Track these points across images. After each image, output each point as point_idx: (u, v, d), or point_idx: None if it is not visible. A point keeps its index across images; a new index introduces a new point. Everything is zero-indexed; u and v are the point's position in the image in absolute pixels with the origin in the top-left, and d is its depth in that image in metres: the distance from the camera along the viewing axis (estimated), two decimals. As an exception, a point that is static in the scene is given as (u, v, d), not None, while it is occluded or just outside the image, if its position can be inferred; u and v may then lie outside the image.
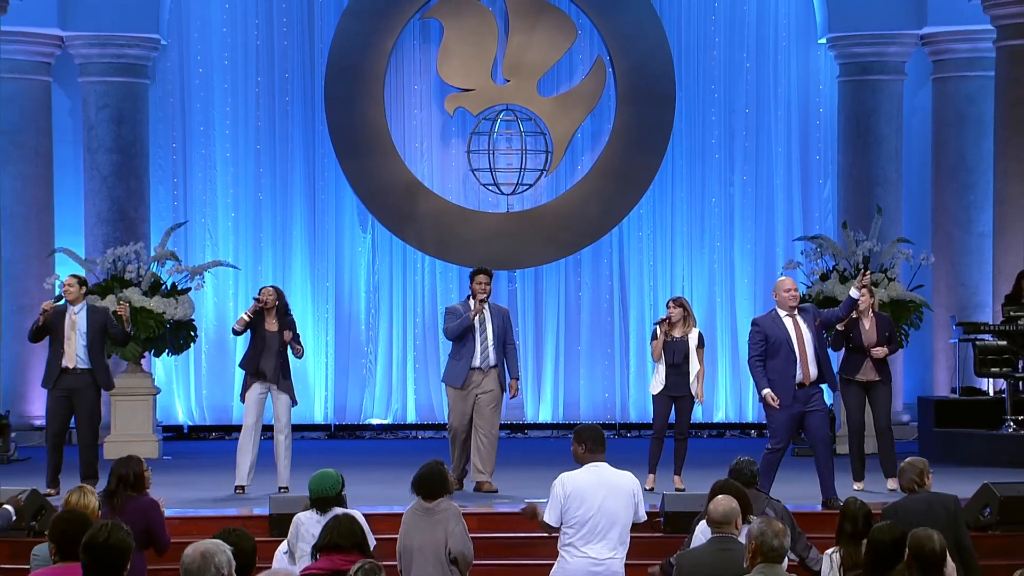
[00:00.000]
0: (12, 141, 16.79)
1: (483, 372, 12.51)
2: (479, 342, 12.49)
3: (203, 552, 5.69)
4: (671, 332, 12.51)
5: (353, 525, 7.80)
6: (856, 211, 17.39)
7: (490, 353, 12.52)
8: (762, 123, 18.33)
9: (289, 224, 18.13)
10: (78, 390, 12.48)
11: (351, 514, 8.26)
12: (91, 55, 17.35)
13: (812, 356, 11.54)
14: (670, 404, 12.59)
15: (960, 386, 16.60)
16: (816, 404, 11.58)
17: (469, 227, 17.95)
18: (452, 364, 12.69)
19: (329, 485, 8.69)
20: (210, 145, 18.07)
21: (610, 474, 8.73)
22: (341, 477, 8.80)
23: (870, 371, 12.45)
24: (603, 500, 8.61)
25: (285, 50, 18.09)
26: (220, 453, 14.50)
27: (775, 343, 11.57)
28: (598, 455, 8.79)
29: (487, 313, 12.55)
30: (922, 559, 6.60)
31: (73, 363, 12.47)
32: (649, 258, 18.36)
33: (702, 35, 18.28)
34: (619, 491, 8.68)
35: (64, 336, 12.48)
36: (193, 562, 5.66)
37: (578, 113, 18.05)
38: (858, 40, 17.60)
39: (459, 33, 17.89)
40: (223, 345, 17.32)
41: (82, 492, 7.94)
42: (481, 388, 12.51)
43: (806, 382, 11.52)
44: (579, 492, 8.65)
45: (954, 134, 17.64)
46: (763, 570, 6.73)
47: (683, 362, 12.46)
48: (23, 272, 16.95)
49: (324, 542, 7.73)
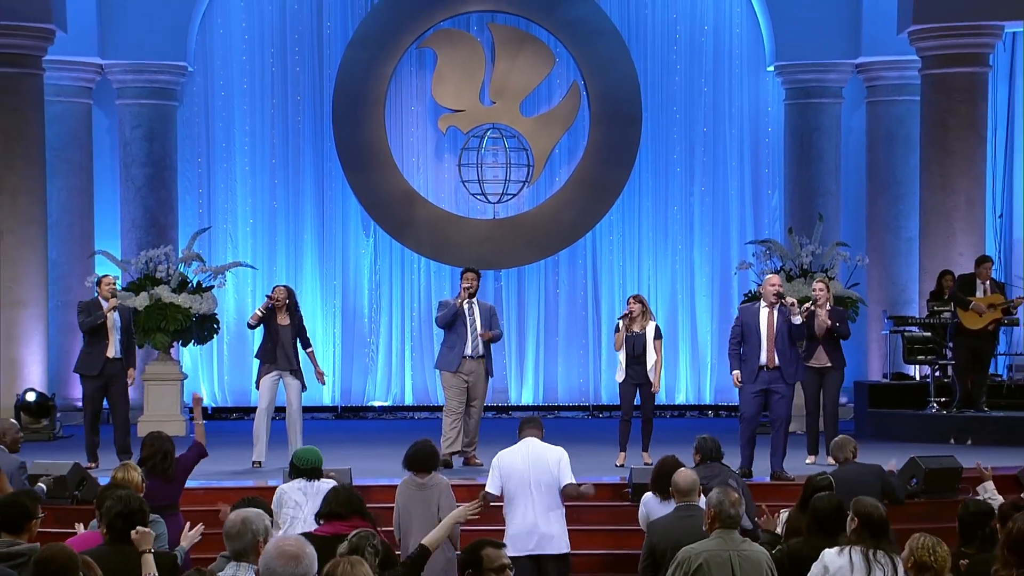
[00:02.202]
0: (58, 156, 16.74)
1: (473, 359, 12.48)
2: (470, 332, 12.46)
3: (243, 519, 5.74)
4: (631, 327, 12.50)
5: (352, 495, 7.81)
6: (800, 218, 17.40)
7: (479, 343, 12.49)
8: (718, 140, 18.33)
9: (300, 229, 18.09)
10: (114, 376, 12.56)
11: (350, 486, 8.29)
12: (127, 80, 17.31)
13: (776, 345, 11.60)
14: (634, 390, 12.57)
15: (891, 372, 16.66)
16: (778, 386, 11.65)
17: (460, 232, 17.94)
18: (446, 352, 12.66)
19: (313, 458, 8.76)
20: (231, 159, 18.03)
21: (537, 447, 8.87)
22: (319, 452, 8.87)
23: (823, 358, 12.43)
24: (528, 470, 8.72)
25: (297, 76, 18.05)
26: (239, 432, 14.48)
27: (748, 330, 11.73)
28: (529, 432, 8.93)
29: (476, 308, 12.53)
30: (871, 525, 6.57)
31: (113, 353, 12.54)
32: (619, 259, 18.36)
33: (665, 63, 18.26)
34: (542, 461, 8.80)
35: (107, 330, 12.52)
36: (234, 526, 5.70)
37: (556, 131, 18.04)
38: (801, 68, 17.61)
39: (451, 61, 17.88)
40: (242, 336, 17.28)
41: (127, 468, 7.87)
42: (472, 374, 12.49)
43: (769, 365, 11.61)
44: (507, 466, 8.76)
45: (885, 151, 17.65)
46: (720, 534, 6.76)
47: (642, 353, 12.41)
48: (67, 272, 16.93)
49: (326, 510, 7.72)
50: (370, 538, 6.67)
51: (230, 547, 5.71)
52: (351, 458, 11.65)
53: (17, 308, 15.52)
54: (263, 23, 17.99)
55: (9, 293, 15.50)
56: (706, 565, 6.63)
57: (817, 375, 12.48)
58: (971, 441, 14.11)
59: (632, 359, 12.44)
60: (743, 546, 6.75)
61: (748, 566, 6.66)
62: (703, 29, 18.22)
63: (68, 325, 16.84)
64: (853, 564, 6.47)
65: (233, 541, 5.68)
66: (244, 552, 5.65)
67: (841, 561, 6.51)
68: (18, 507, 6.26)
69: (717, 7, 18.23)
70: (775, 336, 11.58)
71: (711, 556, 6.66)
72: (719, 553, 6.67)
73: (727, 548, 6.68)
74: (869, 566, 6.46)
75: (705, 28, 18.22)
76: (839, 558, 6.53)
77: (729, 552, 6.67)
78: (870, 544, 6.51)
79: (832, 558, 6.55)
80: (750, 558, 6.70)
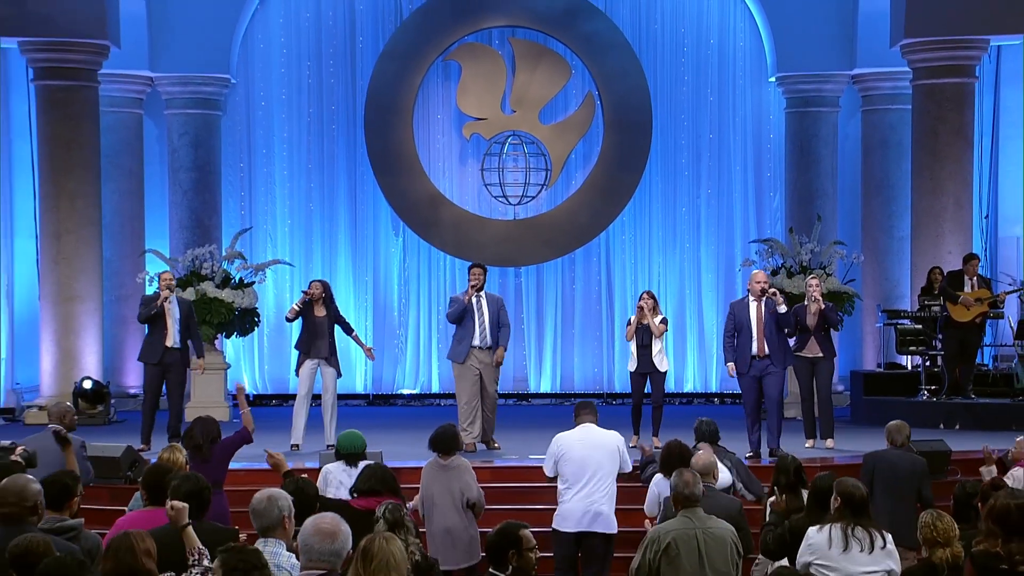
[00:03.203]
0: (111, 162, 16.80)
1: (482, 350, 12.30)
2: (477, 324, 12.27)
3: (269, 496, 5.74)
4: (641, 320, 12.55)
5: (386, 473, 7.84)
6: (800, 219, 17.37)
7: (487, 334, 12.27)
8: (723, 146, 18.30)
9: (335, 229, 18.14)
10: (173, 364, 12.58)
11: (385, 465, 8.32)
12: (174, 92, 17.37)
13: (765, 335, 11.72)
14: (644, 378, 12.62)
15: (884, 362, 16.65)
16: (770, 371, 11.76)
17: (482, 232, 17.97)
18: (455, 344, 12.48)
19: (357, 443, 8.75)
20: (270, 165, 18.09)
21: (596, 433, 8.79)
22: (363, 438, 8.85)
23: (816, 348, 12.43)
24: (588, 454, 8.67)
25: (332, 87, 18.09)
26: (279, 417, 14.53)
27: (740, 323, 11.86)
28: (586, 418, 8.86)
29: (484, 301, 12.34)
30: (851, 504, 6.60)
31: (172, 342, 12.57)
32: (631, 257, 18.35)
33: (674, 75, 18.24)
34: (602, 447, 8.74)
35: (165, 321, 12.58)
36: (260, 503, 5.70)
37: (572, 138, 18.05)
38: (801, 79, 17.57)
39: (474, 72, 17.90)
40: (281, 329, 17.36)
41: (172, 450, 7.90)
42: (482, 364, 12.31)
43: (759, 354, 11.74)
44: (567, 448, 8.72)
45: (879, 156, 17.61)
46: (686, 513, 6.80)
47: (651, 343, 12.48)
48: (120, 269, 17.02)
49: (362, 487, 7.74)
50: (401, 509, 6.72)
51: (257, 523, 5.71)
52: (382, 442, 11.67)
53: (74, 303, 15.61)
54: (300, 38, 18.04)
55: (67, 289, 15.58)
56: (674, 543, 6.68)
57: (809, 364, 12.47)
58: (959, 426, 14.13)
59: (641, 348, 12.52)
60: (708, 523, 6.77)
61: (713, 542, 6.70)
62: (709, 43, 18.21)
63: (121, 318, 17.00)
64: (832, 539, 6.52)
65: (260, 518, 5.67)
66: (271, 528, 5.64)
67: (822, 537, 6.57)
68: (60, 485, 6.28)
69: (722, 22, 18.21)
70: (763, 327, 11.69)
71: (678, 535, 6.71)
72: (685, 531, 6.71)
73: (693, 526, 6.73)
74: (847, 541, 6.49)
75: (711, 42, 18.21)
76: (820, 535, 6.59)
77: (695, 530, 6.71)
78: (850, 521, 6.55)
79: (814, 535, 6.61)
80: (715, 535, 6.74)
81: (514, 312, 17.77)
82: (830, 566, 6.46)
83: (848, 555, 6.43)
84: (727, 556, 6.68)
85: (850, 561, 6.40)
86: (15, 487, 5.81)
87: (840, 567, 6.42)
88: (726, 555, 6.68)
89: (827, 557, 6.49)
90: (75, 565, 4.65)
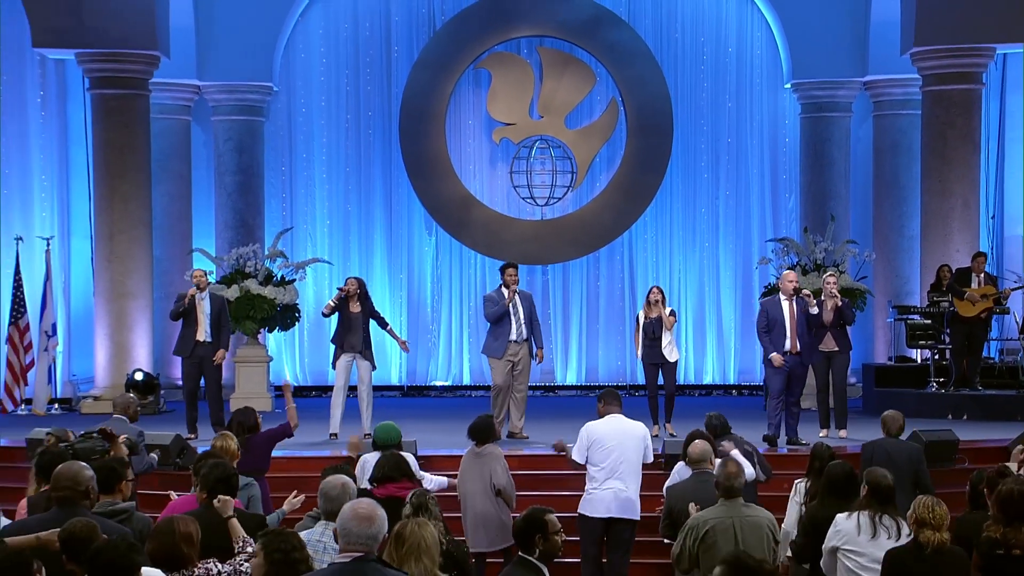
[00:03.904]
0: (161, 166, 16.89)
1: (518, 344, 12.39)
2: (513, 321, 12.34)
3: (343, 483, 5.95)
4: (650, 314, 12.52)
5: (400, 460, 7.87)
6: (814, 219, 17.34)
7: (523, 329, 12.39)
8: (741, 150, 18.27)
9: (371, 229, 18.19)
10: (205, 357, 12.62)
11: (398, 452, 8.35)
12: (220, 99, 17.48)
13: (798, 332, 11.66)
14: (655, 370, 12.58)
15: (895, 355, 16.60)
16: (797, 368, 11.75)
17: (511, 231, 17.99)
18: (491, 339, 12.51)
19: (393, 435, 8.73)
20: (310, 168, 18.16)
21: (624, 423, 8.80)
22: (399, 430, 8.82)
23: (831, 343, 12.38)
24: (618, 443, 8.68)
25: (369, 94, 18.15)
26: (318, 407, 14.59)
27: (773, 319, 11.77)
28: (614, 408, 8.87)
29: (517, 298, 12.43)
30: (879, 493, 6.63)
31: (203, 336, 12.61)
32: (652, 256, 18.35)
33: (694, 81, 18.22)
34: (631, 436, 8.75)
35: (196, 317, 12.64)
36: (333, 488, 5.90)
37: (597, 142, 18.05)
38: (815, 85, 17.55)
39: (504, 80, 17.93)
40: (320, 323, 17.40)
41: (224, 438, 7.92)
42: (517, 357, 12.41)
43: (792, 351, 11.69)
44: (599, 437, 8.72)
45: (890, 159, 17.56)
46: (724, 503, 6.89)
47: (661, 335, 12.44)
48: (169, 267, 17.10)
49: (378, 475, 7.78)
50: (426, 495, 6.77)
51: (325, 506, 5.81)
52: (416, 431, 11.71)
53: (127, 299, 15.72)
54: (339, 48, 18.10)
55: (120, 286, 15.69)
56: (712, 531, 6.76)
57: (826, 358, 12.44)
58: (967, 416, 14.06)
59: (651, 340, 12.46)
60: (746, 511, 6.82)
61: (750, 529, 6.77)
62: (727, 51, 18.18)
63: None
64: (860, 526, 6.55)
65: (331, 502, 5.79)
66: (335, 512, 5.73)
67: (850, 524, 6.59)
68: (107, 470, 6.35)
69: (740, 32, 18.18)
70: (796, 325, 11.62)
71: (717, 523, 6.78)
72: (723, 520, 6.79)
73: (731, 515, 6.80)
74: (875, 528, 6.52)
75: (729, 50, 18.18)
76: (848, 521, 6.61)
77: (732, 519, 6.78)
78: (877, 509, 6.58)
79: (843, 521, 6.63)
80: (752, 522, 6.80)
81: (541, 308, 17.79)
82: (858, 551, 6.50)
83: (876, 541, 6.46)
84: (763, 542, 6.75)
85: (877, 547, 6.41)
86: (69, 472, 5.90)
87: (868, 552, 6.45)
88: (762, 541, 6.75)
89: (855, 543, 6.52)
90: (125, 547, 4.71)
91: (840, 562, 6.57)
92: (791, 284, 11.78)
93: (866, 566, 6.43)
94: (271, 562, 4.92)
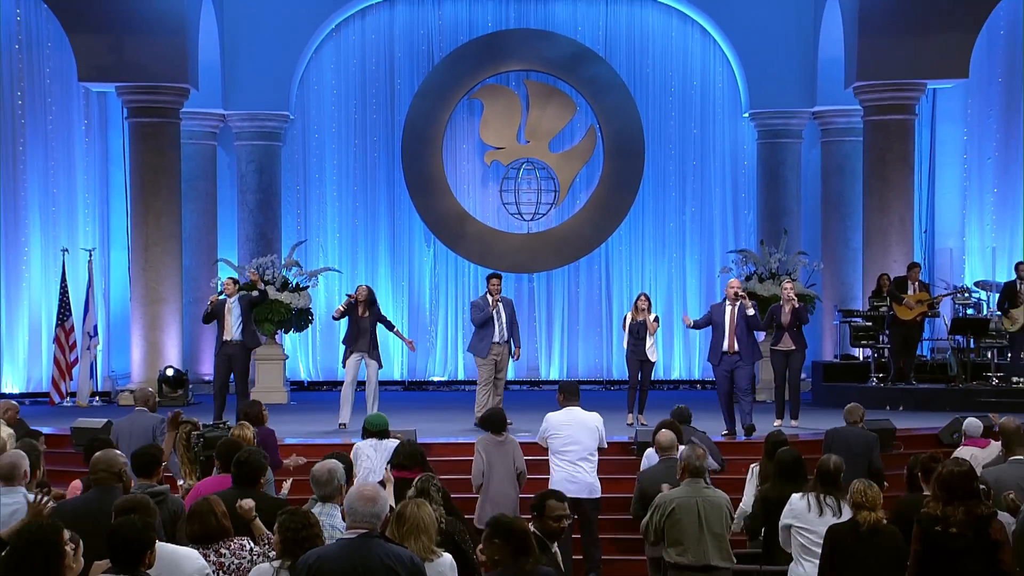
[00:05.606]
0: (190, 186, 16.91)
1: (500, 345, 12.39)
2: (497, 325, 12.33)
3: (329, 469, 5.87)
4: (636, 317, 12.61)
5: (415, 449, 7.87)
6: (770, 232, 17.38)
7: (504, 331, 12.40)
8: (705, 171, 18.28)
9: (376, 241, 18.16)
10: (233, 354, 12.58)
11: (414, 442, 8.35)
12: (243, 126, 17.49)
13: (736, 334, 11.67)
14: (638, 365, 12.67)
15: (840, 354, 16.63)
16: (739, 365, 11.68)
17: (501, 243, 18.01)
18: (477, 341, 12.49)
19: (381, 422, 8.76)
20: (322, 187, 18.15)
21: (580, 414, 8.92)
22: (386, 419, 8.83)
23: (789, 342, 12.39)
24: (574, 431, 8.78)
25: (374, 121, 18.12)
26: (329, 400, 14.61)
27: (715, 321, 11.80)
28: (572, 401, 8.98)
29: (500, 305, 12.42)
30: (823, 476, 6.68)
31: (231, 336, 12.57)
32: (626, 265, 18.34)
33: (663, 110, 18.21)
34: (585, 426, 8.85)
35: (224, 319, 12.65)
36: (323, 475, 5.84)
37: (577, 164, 18.07)
38: (770, 115, 17.60)
39: (495, 109, 17.96)
40: (330, 325, 17.34)
41: (242, 427, 7.95)
42: (499, 356, 12.42)
43: (730, 350, 11.67)
44: (558, 425, 8.83)
45: (836, 180, 17.59)
46: (689, 483, 6.93)
47: (645, 336, 12.55)
48: (196, 275, 17.09)
49: (395, 461, 7.79)
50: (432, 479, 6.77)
51: (319, 491, 5.82)
52: (416, 421, 11.73)
53: (159, 304, 15.73)
54: (348, 80, 18.10)
55: (153, 292, 15.70)
56: (678, 509, 6.78)
57: (784, 356, 12.44)
58: (903, 407, 14.13)
59: (636, 340, 12.55)
60: (707, 492, 6.87)
61: (711, 508, 6.82)
62: (693, 84, 18.21)
63: (197, 317, 16.99)
64: (810, 505, 6.60)
65: (322, 487, 5.80)
66: (330, 495, 5.79)
67: (802, 504, 6.66)
68: (148, 456, 6.34)
69: (704, 67, 18.22)
70: (735, 327, 11.65)
71: (681, 501, 6.81)
72: (687, 499, 6.82)
73: (694, 495, 6.83)
74: (821, 507, 6.58)
75: (694, 83, 18.22)
76: (801, 501, 6.69)
77: (695, 498, 6.82)
78: (822, 491, 6.63)
79: (796, 501, 6.70)
80: (713, 502, 6.84)
81: (527, 311, 17.85)
82: (809, 528, 6.56)
83: (822, 519, 6.50)
84: (722, 520, 6.83)
85: (823, 524, 6.46)
86: (105, 458, 5.92)
87: (817, 530, 6.48)
88: (721, 518, 6.82)
89: (806, 520, 6.58)
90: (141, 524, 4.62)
91: (793, 538, 6.63)
92: (732, 290, 11.81)
93: (816, 541, 6.48)
94: (283, 539, 4.99)
